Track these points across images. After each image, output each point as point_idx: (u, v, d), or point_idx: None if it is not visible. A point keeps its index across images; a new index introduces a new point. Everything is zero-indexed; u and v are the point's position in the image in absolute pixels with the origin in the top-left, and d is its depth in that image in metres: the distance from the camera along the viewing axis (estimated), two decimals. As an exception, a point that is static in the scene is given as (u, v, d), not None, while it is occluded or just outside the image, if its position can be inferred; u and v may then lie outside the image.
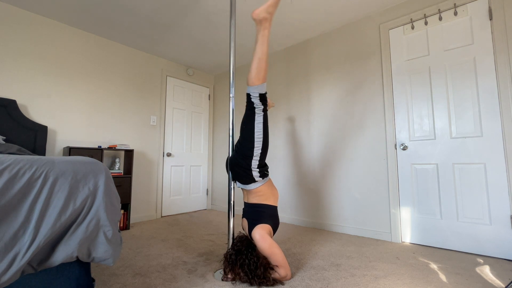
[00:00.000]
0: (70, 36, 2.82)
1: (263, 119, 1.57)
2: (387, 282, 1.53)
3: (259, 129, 1.57)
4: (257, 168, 1.61)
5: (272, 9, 1.54)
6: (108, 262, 1.13)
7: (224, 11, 2.59)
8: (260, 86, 1.53)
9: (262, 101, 1.55)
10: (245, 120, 1.60)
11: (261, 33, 1.54)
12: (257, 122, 1.56)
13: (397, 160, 2.39)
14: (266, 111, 1.59)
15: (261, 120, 1.56)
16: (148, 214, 3.33)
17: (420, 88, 2.31)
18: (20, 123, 2.35)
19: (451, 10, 2.19)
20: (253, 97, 1.54)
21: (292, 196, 3.11)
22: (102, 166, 1.22)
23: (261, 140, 1.57)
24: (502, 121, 1.93)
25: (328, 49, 2.94)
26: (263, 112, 1.57)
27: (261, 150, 1.59)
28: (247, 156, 1.59)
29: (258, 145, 1.57)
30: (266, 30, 1.54)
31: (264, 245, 1.49)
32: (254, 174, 1.61)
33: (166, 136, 3.65)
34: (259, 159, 1.60)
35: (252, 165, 1.60)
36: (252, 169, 1.60)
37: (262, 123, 1.57)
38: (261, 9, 1.52)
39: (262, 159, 1.62)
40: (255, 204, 1.70)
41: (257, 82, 1.52)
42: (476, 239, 1.99)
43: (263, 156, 1.61)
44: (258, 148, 1.58)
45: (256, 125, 1.56)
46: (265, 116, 1.59)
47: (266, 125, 1.60)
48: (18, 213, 0.95)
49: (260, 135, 1.57)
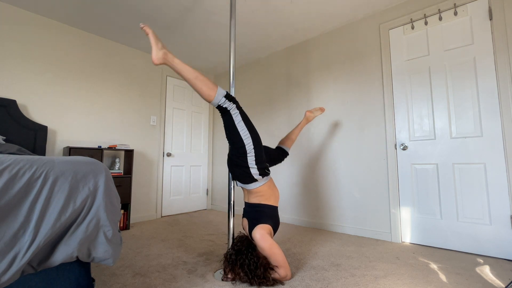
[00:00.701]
0: (70, 36, 2.82)
1: (241, 116, 1.56)
2: (387, 282, 1.53)
3: (242, 127, 1.56)
4: (256, 165, 1.59)
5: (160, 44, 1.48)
6: (108, 262, 1.13)
7: (224, 11, 2.59)
8: (217, 95, 1.51)
9: (230, 100, 1.55)
10: (227, 128, 1.59)
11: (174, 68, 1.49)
12: (237, 122, 1.55)
13: (397, 160, 2.39)
14: (240, 108, 1.58)
15: (240, 119, 1.56)
16: (148, 214, 3.33)
17: (420, 88, 2.31)
18: (20, 123, 2.35)
19: (451, 10, 2.19)
20: (222, 103, 1.53)
21: (292, 196, 3.11)
22: (102, 166, 1.22)
23: (249, 135, 1.57)
24: (502, 121, 1.93)
25: (328, 49, 2.94)
26: (238, 110, 1.56)
27: (253, 145, 1.58)
28: (243, 154, 1.58)
29: (248, 141, 1.56)
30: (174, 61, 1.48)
31: (264, 245, 1.49)
32: (253, 172, 1.60)
33: (166, 136, 3.65)
34: (255, 155, 1.58)
35: (249, 162, 1.58)
36: (250, 167, 1.59)
37: (242, 120, 1.56)
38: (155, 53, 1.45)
39: (258, 155, 1.60)
40: (256, 204, 1.70)
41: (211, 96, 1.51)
42: (476, 239, 1.99)
43: (258, 151, 1.60)
44: (250, 144, 1.57)
45: (237, 124, 1.55)
46: (241, 113, 1.58)
47: (247, 120, 1.59)
48: (18, 213, 0.95)
49: (246, 132, 1.56)
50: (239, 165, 1.60)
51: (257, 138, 1.61)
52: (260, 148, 1.62)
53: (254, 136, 1.59)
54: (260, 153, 1.62)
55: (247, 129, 1.57)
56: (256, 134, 1.61)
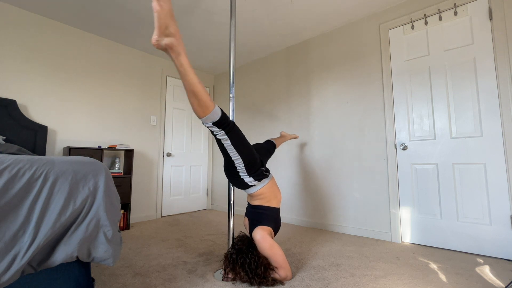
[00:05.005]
0: (70, 36, 2.82)
1: (230, 140, 1.45)
2: (387, 282, 1.53)
3: (231, 150, 1.48)
4: (248, 176, 1.57)
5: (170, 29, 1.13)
6: (108, 262, 1.13)
7: (224, 11, 2.59)
8: (209, 116, 1.34)
9: (220, 126, 1.39)
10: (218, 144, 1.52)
11: (176, 63, 1.20)
12: (226, 145, 1.47)
13: (397, 160, 2.39)
14: (231, 131, 1.43)
15: (229, 143, 1.46)
16: (148, 214, 3.33)
17: (420, 88, 2.31)
18: (20, 123, 2.35)
19: (451, 10, 2.19)
20: (209, 127, 1.42)
21: (292, 196, 3.11)
22: (102, 166, 1.22)
23: (239, 157, 1.50)
24: (502, 121, 1.93)
25: (328, 49, 2.94)
26: (227, 135, 1.43)
27: (243, 164, 1.52)
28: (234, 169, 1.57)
29: (238, 162, 1.52)
30: (180, 56, 1.18)
31: (265, 245, 1.49)
32: (246, 181, 1.59)
33: (166, 136, 3.65)
34: (247, 171, 1.55)
35: (241, 175, 1.57)
36: (243, 177, 1.58)
37: (232, 144, 1.46)
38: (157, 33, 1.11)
39: (250, 170, 1.56)
40: (257, 206, 1.70)
41: (202, 114, 1.33)
42: (476, 239, 1.98)
43: (250, 168, 1.55)
44: (240, 164, 1.52)
45: (227, 147, 1.48)
46: (232, 136, 1.44)
47: (240, 142, 1.48)
48: (18, 213, 0.95)
49: (236, 154, 1.49)
50: (233, 175, 1.60)
51: (248, 159, 1.53)
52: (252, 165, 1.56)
53: (245, 158, 1.52)
54: (252, 168, 1.56)
55: (237, 152, 1.49)
56: (248, 156, 1.52)
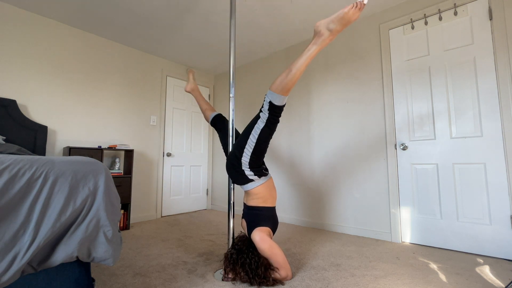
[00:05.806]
0: (70, 36, 2.82)
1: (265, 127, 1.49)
2: (387, 282, 1.53)
3: (255, 134, 1.51)
4: (249, 168, 1.57)
5: (334, 26, 1.34)
6: (108, 262, 1.13)
7: (224, 11, 2.59)
8: (276, 96, 1.42)
9: (270, 111, 1.46)
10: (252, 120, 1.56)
11: (309, 47, 1.40)
12: (256, 127, 1.51)
13: (397, 160, 2.39)
14: (273, 122, 1.49)
15: (262, 127, 1.49)
16: (148, 214, 3.33)
17: (420, 88, 2.31)
18: (20, 123, 2.35)
19: (451, 10, 2.19)
20: (265, 102, 1.48)
21: (292, 196, 3.11)
22: (102, 166, 1.22)
23: (254, 144, 1.52)
24: (502, 121, 1.93)
25: (328, 49, 2.94)
26: (264, 123, 1.48)
27: (251, 152, 1.54)
28: (239, 155, 1.56)
29: (249, 148, 1.53)
30: (315, 46, 1.39)
31: (264, 246, 1.49)
32: (247, 173, 1.59)
33: (166, 136, 3.65)
34: (249, 160, 1.55)
35: (243, 164, 1.56)
36: (244, 169, 1.58)
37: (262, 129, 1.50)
38: (322, 22, 1.37)
39: (253, 160, 1.57)
40: (253, 207, 1.69)
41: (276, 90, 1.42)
42: (476, 239, 1.99)
43: (254, 158, 1.56)
44: (248, 151, 1.53)
45: (255, 129, 1.51)
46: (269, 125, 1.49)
47: (267, 134, 1.51)
48: (18, 213, 0.95)
49: (254, 140, 1.51)
50: (234, 167, 1.60)
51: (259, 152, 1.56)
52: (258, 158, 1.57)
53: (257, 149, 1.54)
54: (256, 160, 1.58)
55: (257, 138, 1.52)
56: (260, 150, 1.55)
